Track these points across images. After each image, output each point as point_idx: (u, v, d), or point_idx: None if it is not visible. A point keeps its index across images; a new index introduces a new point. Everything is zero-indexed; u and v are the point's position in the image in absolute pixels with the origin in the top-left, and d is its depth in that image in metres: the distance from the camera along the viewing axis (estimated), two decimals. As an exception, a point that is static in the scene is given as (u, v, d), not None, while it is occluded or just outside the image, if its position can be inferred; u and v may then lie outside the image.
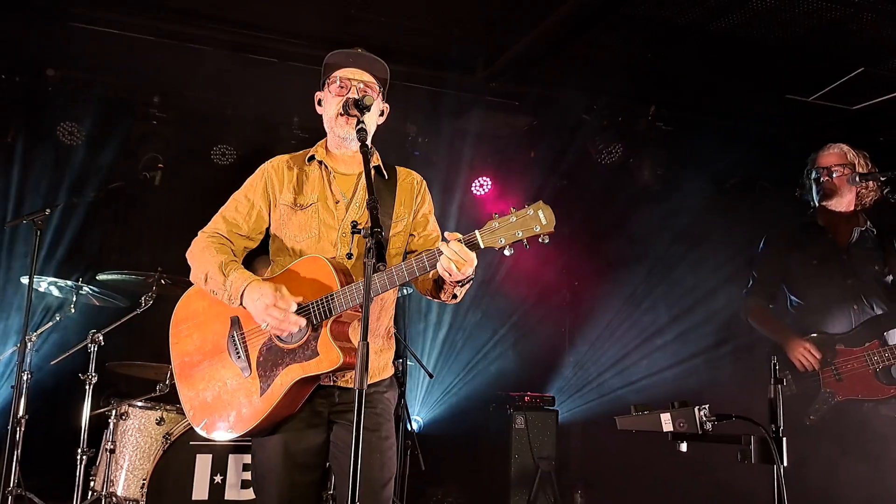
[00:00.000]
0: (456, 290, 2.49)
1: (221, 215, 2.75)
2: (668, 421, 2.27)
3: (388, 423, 2.64)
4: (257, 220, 2.73)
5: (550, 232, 2.20)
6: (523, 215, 2.21)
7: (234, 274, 2.56)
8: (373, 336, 2.67)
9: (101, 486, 4.33)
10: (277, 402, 2.48)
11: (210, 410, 2.62)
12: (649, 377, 6.65)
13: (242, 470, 4.20)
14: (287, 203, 2.68)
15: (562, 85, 5.77)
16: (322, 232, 2.63)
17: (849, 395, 3.59)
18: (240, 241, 2.74)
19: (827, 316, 3.74)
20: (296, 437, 2.57)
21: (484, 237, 2.25)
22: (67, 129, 5.66)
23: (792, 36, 4.62)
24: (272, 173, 2.73)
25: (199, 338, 2.70)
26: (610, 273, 7.03)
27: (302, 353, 2.48)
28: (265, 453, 2.60)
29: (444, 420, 7.01)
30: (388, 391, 2.70)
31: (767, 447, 2.17)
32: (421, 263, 2.34)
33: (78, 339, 4.36)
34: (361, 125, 2.49)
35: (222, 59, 5.26)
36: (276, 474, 2.56)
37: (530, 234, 2.21)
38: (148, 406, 4.46)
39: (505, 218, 2.24)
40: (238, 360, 2.59)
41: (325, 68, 2.72)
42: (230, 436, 2.56)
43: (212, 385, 2.63)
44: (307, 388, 2.54)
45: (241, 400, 2.56)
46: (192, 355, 2.70)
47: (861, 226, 3.83)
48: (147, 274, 4.52)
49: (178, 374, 2.73)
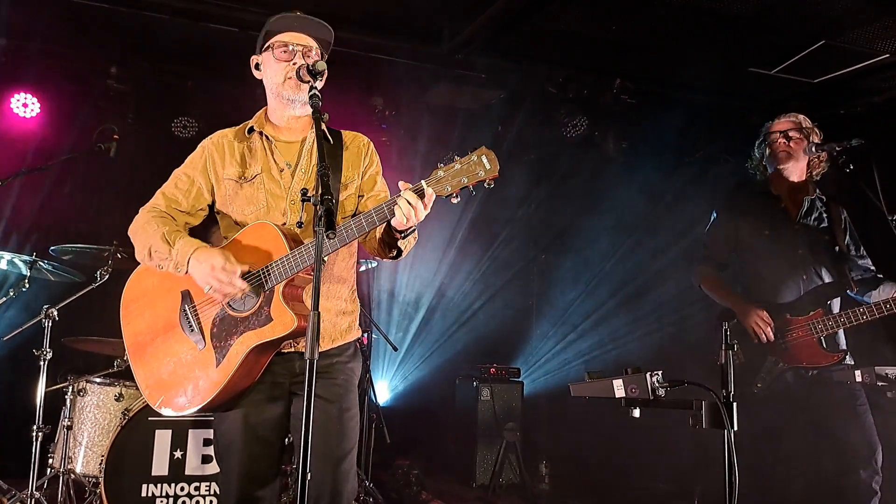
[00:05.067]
0: (400, 243, 2.48)
1: (161, 192, 2.71)
2: (620, 387, 2.29)
3: (349, 395, 2.63)
4: (197, 196, 2.69)
5: (495, 176, 2.23)
6: (467, 162, 2.23)
7: (180, 242, 2.52)
8: (334, 297, 2.65)
9: (60, 463, 4.27)
10: (234, 371, 2.44)
11: (166, 387, 2.57)
12: (616, 348, 6.73)
13: (203, 445, 4.17)
14: (232, 177, 2.64)
15: (528, 58, 5.74)
16: (270, 202, 2.59)
17: (794, 363, 3.65)
18: (181, 216, 2.70)
19: (776, 286, 3.78)
20: (256, 410, 2.55)
21: (430, 185, 2.26)
22: (21, 100, 5.56)
23: (754, 8, 4.62)
24: (213, 150, 2.69)
25: (151, 315, 2.66)
26: (576, 245, 7.08)
27: (255, 319, 2.45)
28: (225, 425, 2.58)
29: (409, 393, 7.04)
30: (351, 361, 2.67)
31: (718, 412, 2.19)
32: (370, 218, 2.34)
33: (31, 314, 4.26)
34: (315, 91, 2.43)
35: (181, 29, 5.13)
36: (236, 446, 2.55)
37: (475, 179, 2.23)
38: (106, 382, 4.41)
39: (450, 166, 2.25)
40: (191, 333, 2.56)
41: (266, 32, 2.65)
42: (190, 410, 2.52)
43: (166, 361, 2.59)
44: (265, 357, 2.51)
45: (196, 373, 2.52)
46: (143, 334, 2.66)
47: (811, 194, 3.86)
48: (103, 248, 4.43)
49: (131, 355, 2.68)
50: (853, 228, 3.88)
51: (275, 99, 2.66)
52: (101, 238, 4.69)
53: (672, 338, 6.20)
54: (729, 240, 3.97)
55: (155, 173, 2.76)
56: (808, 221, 3.83)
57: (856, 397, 3.56)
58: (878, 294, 3.67)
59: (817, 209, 3.86)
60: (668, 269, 6.26)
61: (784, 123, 3.88)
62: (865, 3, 4.49)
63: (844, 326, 3.58)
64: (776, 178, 3.91)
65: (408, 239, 2.48)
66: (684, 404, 2.28)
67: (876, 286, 3.71)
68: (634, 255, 6.69)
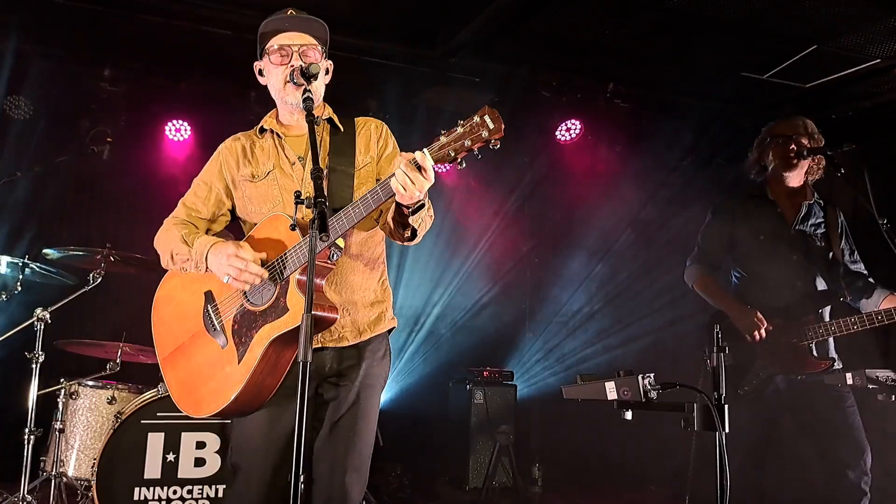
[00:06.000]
0: (411, 220, 2.36)
1: (182, 202, 2.74)
2: (612, 389, 2.29)
3: (370, 400, 2.57)
4: (216, 202, 2.70)
5: (500, 136, 2.13)
6: (469, 123, 2.13)
7: (198, 241, 2.54)
8: (360, 289, 2.61)
9: (52, 466, 4.25)
10: (255, 365, 2.38)
11: (194, 390, 2.56)
12: (609, 352, 6.75)
13: (196, 448, 4.15)
14: (246, 177, 2.65)
15: (521, 62, 5.76)
16: (285, 197, 2.58)
17: (783, 369, 3.64)
18: (202, 224, 2.71)
19: (769, 290, 3.77)
20: (279, 409, 2.48)
21: (432, 152, 2.17)
22: (14, 102, 5.53)
23: (746, 13, 4.64)
24: (226, 153, 2.70)
25: (178, 320, 2.67)
26: (569, 249, 7.10)
27: (273, 312, 2.41)
28: (244, 425, 2.54)
29: (403, 396, 7.03)
30: (377, 365, 2.61)
31: (710, 414, 2.20)
32: (376, 195, 2.27)
33: (24, 317, 4.25)
34: (308, 94, 2.45)
35: (174, 31, 5.13)
36: (257, 444, 2.50)
37: (479, 141, 2.13)
38: (99, 385, 4.38)
39: (452, 130, 2.17)
40: (215, 333, 2.54)
41: (262, 36, 2.64)
42: (217, 409, 2.45)
43: (194, 364, 2.58)
44: (289, 351, 2.43)
45: (220, 372, 2.49)
46: (174, 339, 2.67)
47: (808, 199, 3.83)
48: (95, 250, 4.42)
49: (162, 362, 2.69)
50: (850, 233, 3.86)
51: (280, 104, 2.67)
52: (94, 241, 4.68)
53: (665, 340, 6.22)
54: (723, 241, 3.94)
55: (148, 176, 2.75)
56: (805, 227, 3.80)
57: (844, 399, 3.56)
58: (869, 301, 3.67)
59: (815, 214, 3.83)
60: (660, 273, 6.28)
61: (790, 127, 3.81)
62: (857, 9, 4.52)
63: (835, 335, 3.58)
64: (774, 181, 3.86)
65: (420, 216, 2.36)
66: (676, 407, 2.29)
67: (869, 292, 3.71)
68: (627, 258, 6.71)
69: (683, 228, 5.73)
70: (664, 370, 2.51)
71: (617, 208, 6.57)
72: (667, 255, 6.20)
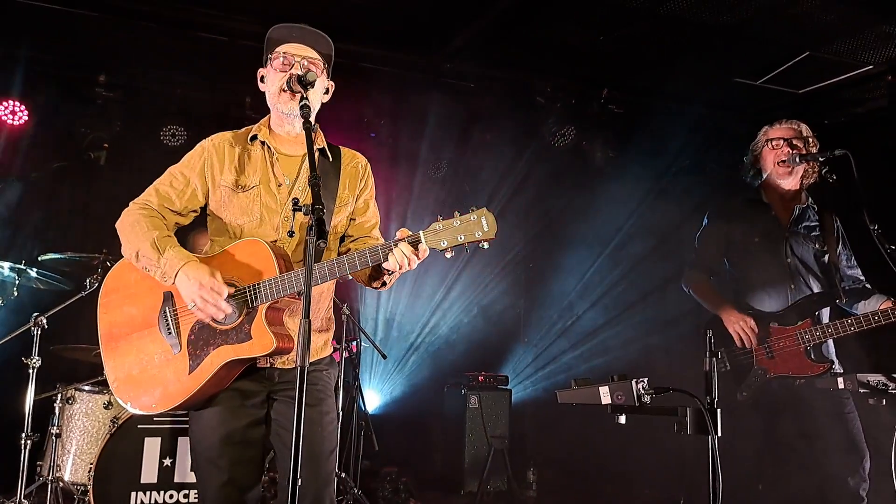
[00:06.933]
0: (386, 278, 2.54)
1: (155, 188, 2.66)
2: (606, 394, 2.31)
3: (328, 399, 2.67)
4: (191, 198, 2.65)
5: (491, 238, 2.27)
6: (466, 220, 2.27)
7: (170, 252, 2.50)
8: (314, 317, 2.65)
9: (48, 471, 4.26)
10: (206, 381, 2.46)
11: (135, 384, 2.58)
12: (603, 356, 6.77)
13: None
14: (228, 184, 2.61)
15: (517, 68, 5.79)
16: (264, 215, 2.58)
17: (780, 372, 3.65)
18: (171, 216, 2.66)
19: (764, 293, 3.78)
20: (234, 416, 2.54)
21: (427, 238, 2.31)
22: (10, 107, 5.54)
23: (739, 19, 4.69)
24: (213, 152, 2.65)
25: (129, 310, 2.64)
26: (564, 254, 7.11)
27: (235, 335, 2.46)
28: (202, 430, 2.56)
29: (398, 400, 7.05)
30: (327, 369, 2.72)
31: (702, 418, 2.22)
32: (364, 258, 2.37)
33: (20, 322, 4.25)
34: (305, 101, 2.44)
35: (170, 37, 5.14)
36: (214, 452, 2.52)
37: (472, 239, 2.27)
38: (95, 390, 4.39)
39: (449, 222, 2.29)
40: (168, 335, 2.55)
41: (268, 43, 2.64)
42: (154, 411, 2.55)
43: (139, 359, 2.58)
44: (237, 370, 2.53)
45: (168, 376, 2.52)
46: (120, 326, 2.64)
47: (803, 203, 3.85)
48: (92, 256, 4.43)
49: (104, 344, 2.66)
50: (846, 238, 3.87)
51: (273, 111, 2.67)
52: (90, 246, 4.68)
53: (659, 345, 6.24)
54: (719, 245, 3.95)
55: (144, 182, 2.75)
56: (799, 229, 3.82)
57: (843, 405, 3.56)
58: (866, 305, 3.68)
59: (809, 217, 3.85)
60: (655, 277, 6.31)
61: (785, 130, 3.82)
62: (850, 16, 4.57)
63: (832, 337, 3.58)
64: (768, 185, 3.88)
65: (394, 275, 2.51)
66: (669, 411, 2.31)
67: (865, 297, 3.72)
68: (621, 263, 6.74)
69: (677, 234, 5.75)
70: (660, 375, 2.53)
71: (611, 214, 6.59)
72: (661, 260, 6.23)
